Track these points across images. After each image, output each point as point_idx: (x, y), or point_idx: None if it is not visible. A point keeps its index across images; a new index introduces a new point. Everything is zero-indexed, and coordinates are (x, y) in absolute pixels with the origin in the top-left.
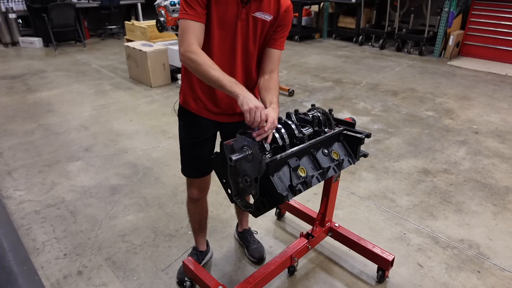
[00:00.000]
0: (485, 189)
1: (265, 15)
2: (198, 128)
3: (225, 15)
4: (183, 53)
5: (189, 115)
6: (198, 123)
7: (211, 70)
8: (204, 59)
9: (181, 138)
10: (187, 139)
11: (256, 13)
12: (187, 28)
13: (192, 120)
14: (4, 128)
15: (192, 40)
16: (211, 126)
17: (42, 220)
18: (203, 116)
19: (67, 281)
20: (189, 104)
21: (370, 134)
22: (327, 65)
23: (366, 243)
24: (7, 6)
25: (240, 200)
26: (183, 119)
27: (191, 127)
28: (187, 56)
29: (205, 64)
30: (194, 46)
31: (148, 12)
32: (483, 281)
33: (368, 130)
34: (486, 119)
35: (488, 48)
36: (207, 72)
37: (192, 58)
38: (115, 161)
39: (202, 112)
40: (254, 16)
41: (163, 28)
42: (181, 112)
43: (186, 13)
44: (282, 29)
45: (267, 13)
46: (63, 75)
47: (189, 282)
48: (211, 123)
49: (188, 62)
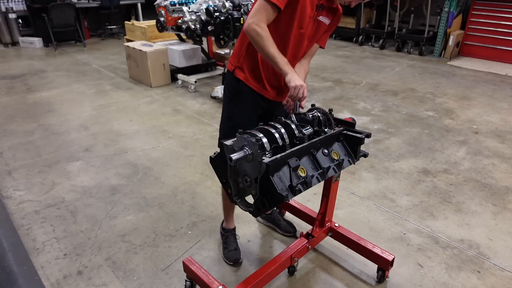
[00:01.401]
0: (485, 189)
1: (325, 19)
2: (253, 104)
3: (304, 15)
4: (251, 24)
5: (247, 91)
6: (255, 100)
7: (271, 46)
8: (268, 36)
9: (231, 115)
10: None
11: (320, 17)
12: (265, 9)
13: (249, 95)
14: (4, 128)
15: (263, 19)
16: (263, 104)
17: (42, 220)
18: (261, 94)
19: (67, 281)
20: (251, 81)
21: (370, 134)
22: (327, 65)
23: (366, 243)
24: (7, 6)
25: (240, 200)
26: (239, 94)
27: (247, 103)
28: (253, 28)
29: (267, 40)
30: (263, 23)
31: (148, 12)
32: (483, 281)
33: (368, 130)
34: (486, 119)
35: (488, 48)
36: (266, 47)
37: (258, 31)
38: (115, 161)
39: (261, 90)
40: (318, 19)
41: (163, 28)
42: (241, 87)
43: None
44: (330, 29)
45: (326, 17)
46: (63, 75)
47: (189, 282)
48: (265, 101)
49: (252, 33)
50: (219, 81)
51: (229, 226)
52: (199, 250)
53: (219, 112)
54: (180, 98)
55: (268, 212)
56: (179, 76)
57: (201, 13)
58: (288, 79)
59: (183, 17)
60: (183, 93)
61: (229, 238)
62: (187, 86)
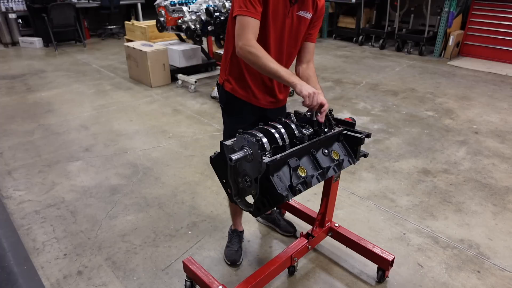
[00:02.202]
0: (485, 189)
1: (306, 13)
2: (244, 113)
3: (277, 13)
4: (242, 47)
5: (236, 102)
6: (245, 109)
7: (270, 62)
8: (263, 53)
9: (227, 126)
10: (237, 125)
11: (300, 12)
12: (247, 24)
13: (239, 106)
14: (4, 128)
15: (250, 36)
16: (257, 112)
17: (42, 220)
18: (251, 103)
19: (67, 281)
20: (238, 91)
21: (370, 134)
22: (327, 65)
23: (366, 243)
24: (7, 6)
25: (240, 200)
26: (230, 105)
27: (238, 112)
28: (246, 50)
29: (264, 57)
30: (252, 41)
31: (148, 12)
32: (483, 281)
33: (368, 130)
34: (486, 119)
35: (488, 48)
36: (265, 64)
37: (252, 51)
38: (115, 161)
39: (250, 99)
40: (298, 14)
41: (163, 28)
42: (228, 99)
43: (246, 10)
44: (317, 24)
45: (307, 11)
46: (63, 75)
47: (189, 282)
48: (257, 109)
49: (247, 55)
50: None
51: (237, 228)
52: (199, 250)
53: (219, 112)
54: (180, 98)
55: (268, 212)
56: (179, 76)
57: (201, 13)
58: (299, 89)
59: (183, 17)
60: (183, 93)
61: (234, 238)
62: (187, 86)
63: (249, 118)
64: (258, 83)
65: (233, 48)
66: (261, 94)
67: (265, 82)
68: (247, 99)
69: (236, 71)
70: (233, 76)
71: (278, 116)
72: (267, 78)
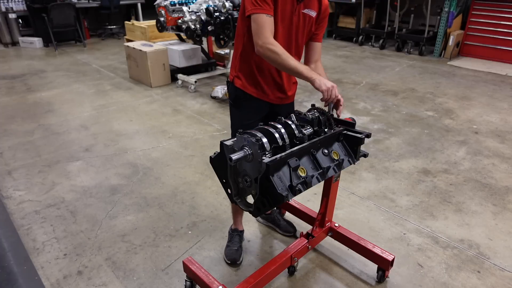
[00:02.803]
0: (485, 189)
1: (311, 12)
2: (254, 109)
3: (285, 11)
4: (262, 45)
5: (245, 97)
6: (254, 104)
7: (289, 59)
8: (282, 50)
9: (236, 121)
10: (246, 120)
11: (305, 10)
12: (264, 22)
13: (248, 102)
14: (4, 128)
15: (268, 33)
16: (266, 108)
17: (42, 220)
18: (260, 99)
19: (67, 281)
20: (247, 87)
21: (370, 134)
22: (327, 65)
23: (366, 243)
24: (7, 6)
25: (240, 200)
26: (239, 100)
27: (247, 108)
28: (267, 48)
29: (284, 54)
30: (271, 39)
31: (148, 12)
32: (483, 281)
33: (368, 130)
34: (486, 119)
35: (488, 48)
36: (285, 61)
37: (272, 49)
38: (115, 161)
39: (260, 95)
40: (303, 12)
41: (163, 28)
42: (238, 95)
43: (260, 8)
44: (322, 24)
45: (313, 9)
46: (63, 75)
47: (189, 282)
48: (266, 105)
49: (268, 53)
50: (219, 81)
51: (237, 227)
52: (199, 250)
53: (219, 112)
54: (180, 98)
55: (268, 212)
56: (179, 76)
57: (201, 13)
58: (318, 84)
59: (183, 17)
60: (183, 93)
61: (234, 237)
62: (187, 86)
63: (258, 114)
64: (267, 79)
65: (243, 46)
66: (270, 90)
67: (275, 78)
68: (256, 95)
69: (245, 67)
70: (243, 72)
71: (286, 112)
72: (276, 75)
